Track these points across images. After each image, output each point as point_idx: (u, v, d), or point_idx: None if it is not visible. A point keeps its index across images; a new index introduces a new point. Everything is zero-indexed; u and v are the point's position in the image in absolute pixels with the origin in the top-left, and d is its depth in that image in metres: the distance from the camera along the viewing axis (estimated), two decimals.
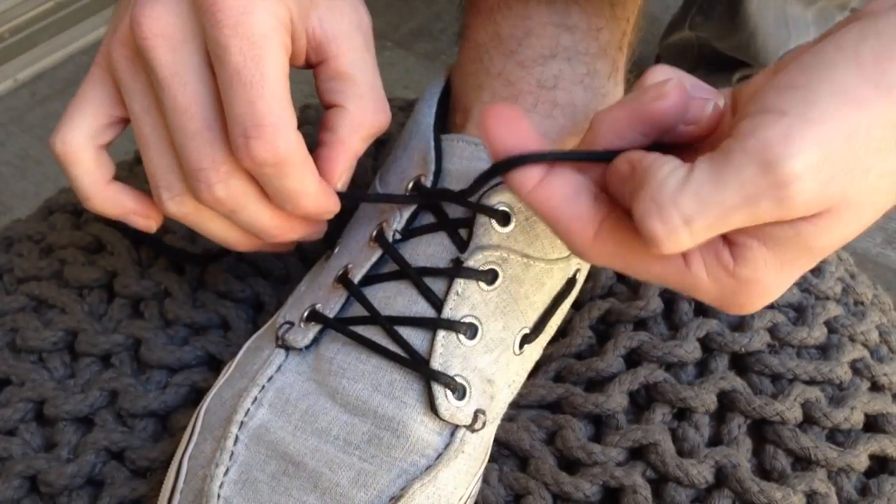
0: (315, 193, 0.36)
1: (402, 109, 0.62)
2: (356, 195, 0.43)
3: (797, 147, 0.26)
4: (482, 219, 0.38)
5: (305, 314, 0.39)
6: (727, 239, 0.30)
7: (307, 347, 0.38)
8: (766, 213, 0.28)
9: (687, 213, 0.28)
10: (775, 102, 0.27)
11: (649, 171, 0.29)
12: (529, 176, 0.31)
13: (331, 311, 0.38)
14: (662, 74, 0.32)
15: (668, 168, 0.28)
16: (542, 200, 0.31)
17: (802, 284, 0.49)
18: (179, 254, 0.47)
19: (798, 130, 0.27)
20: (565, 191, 0.31)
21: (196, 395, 0.44)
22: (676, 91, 0.30)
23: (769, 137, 0.27)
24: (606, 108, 0.33)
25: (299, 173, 0.34)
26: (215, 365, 0.45)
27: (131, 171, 0.57)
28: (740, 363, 0.45)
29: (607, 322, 0.47)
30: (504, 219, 0.38)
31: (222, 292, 0.48)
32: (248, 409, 0.37)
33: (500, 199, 0.38)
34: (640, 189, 0.29)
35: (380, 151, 0.57)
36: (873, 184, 0.28)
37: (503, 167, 0.31)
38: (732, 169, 0.27)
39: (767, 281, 0.30)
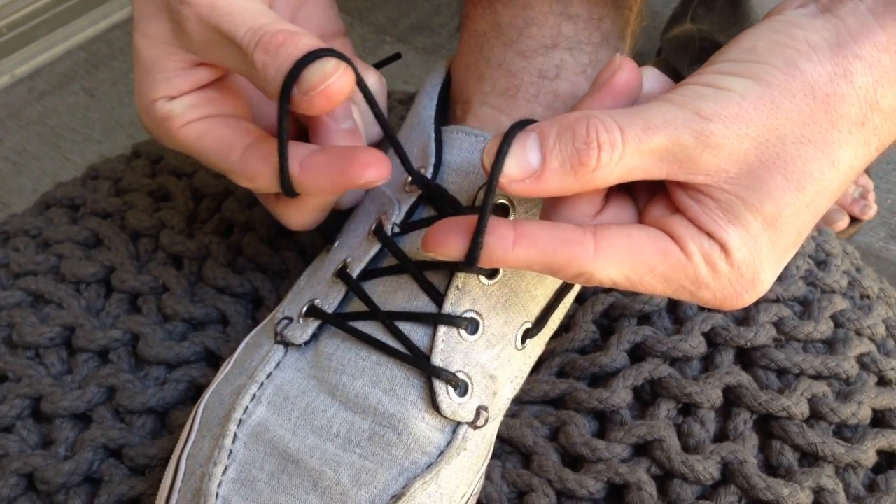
0: None
1: (402, 103, 0.61)
2: None
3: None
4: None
5: (304, 309, 0.38)
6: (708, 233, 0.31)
7: (306, 343, 0.38)
8: (688, 150, 0.30)
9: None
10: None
11: None
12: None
13: (330, 307, 0.38)
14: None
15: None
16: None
17: (808, 278, 0.49)
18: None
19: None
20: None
21: (195, 392, 0.43)
22: (627, 63, 0.33)
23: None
24: (579, 101, 0.34)
25: None
26: (214, 361, 0.45)
27: (129, 165, 0.56)
28: (746, 358, 0.45)
29: (611, 317, 0.47)
30: (503, 212, 0.37)
31: (221, 287, 0.47)
32: (247, 407, 0.36)
33: (499, 192, 0.37)
34: None
35: (381, 144, 0.56)
36: (795, 152, 0.30)
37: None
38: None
39: (761, 262, 0.31)
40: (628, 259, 0.31)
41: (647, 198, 0.34)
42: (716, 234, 0.31)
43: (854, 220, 1.11)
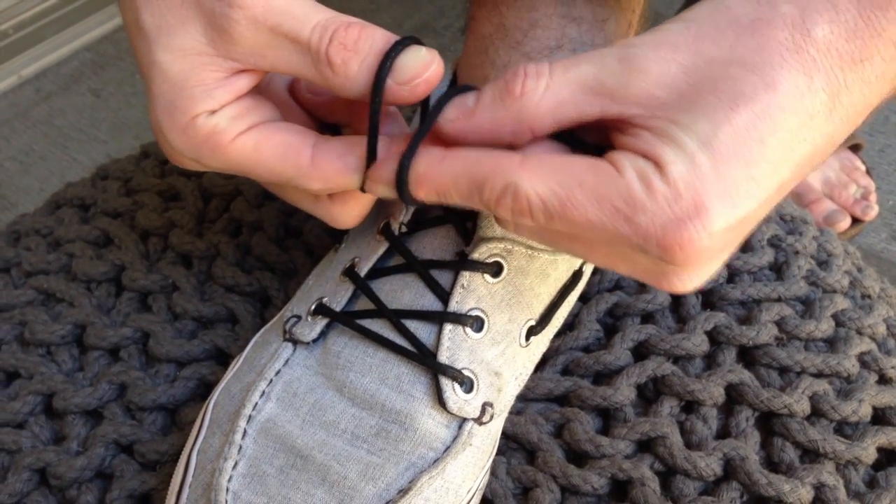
0: None
1: None
2: None
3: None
4: (486, 210, 0.38)
5: (312, 308, 0.39)
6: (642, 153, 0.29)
7: (314, 341, 0.38)
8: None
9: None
10: None
11: None
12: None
13: (338, 305, 0.38)
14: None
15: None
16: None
17: (810, 278, 0.49)
18: None
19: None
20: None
21: (204, 389, 0.44)
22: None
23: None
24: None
25: None
26: (223, 359, 0.45)
27: (138, 165, 0.57)
28: (748, 356, 0.45)
29: (615, 315, 0.47)
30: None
31: (230, 286, 0.48)
32: (257, 403, 0.37)
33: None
34: None
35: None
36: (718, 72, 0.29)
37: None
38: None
39: (702, 185, 0.28)
40: (556, 171, 0.29)
41: None
42: (650, 152, 0.28)
43: (856, 221, 1.12)
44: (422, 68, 0.31)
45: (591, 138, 0.31)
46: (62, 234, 0.52)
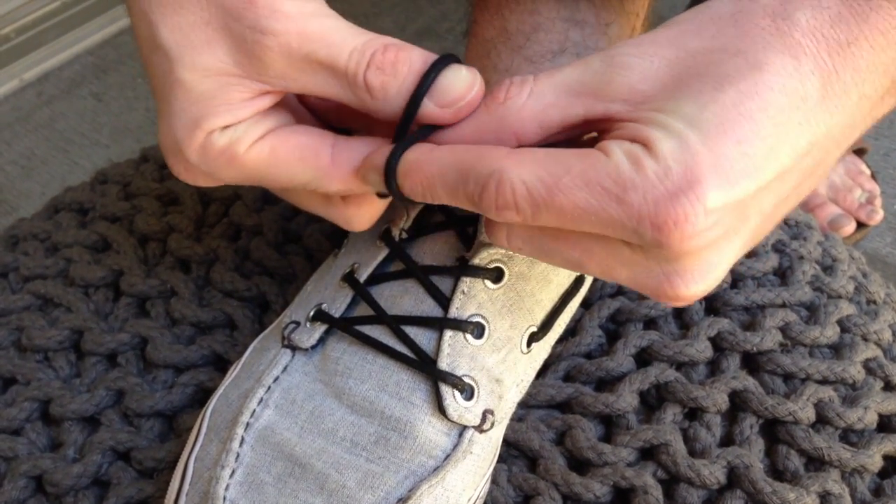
0: None
1: None
2: None
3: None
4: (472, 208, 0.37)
5: (311, 314, 0.38)
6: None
7: (313, 347, 0.38)
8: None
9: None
10: None
11: None
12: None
13: (337, 311, 0.38)
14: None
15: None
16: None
17: (815, 283, 0.49)
18: None
19: None
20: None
21: (202, 395, 0.44)
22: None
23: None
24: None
25: None
26: (221, 364, 0.45)
27: (137, 170, 0.57)
28: (752, 362, 0.45)
29: (617, 321, 0.47)
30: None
31: (228, 291, 0.48)
32: (254, 410, 0.36)
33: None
34: None
35: None
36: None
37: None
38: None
39: (694, 160, 0.27)
40: (543, 160, 0.28)
41: None
42: (637, 135, 0.28)
43: (861, 225, 1.11)
44: (465, 90, 0.31)
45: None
46: (60, 238, 0.52)
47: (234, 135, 0.32)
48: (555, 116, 0.29)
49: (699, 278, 0.29)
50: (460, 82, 0.31)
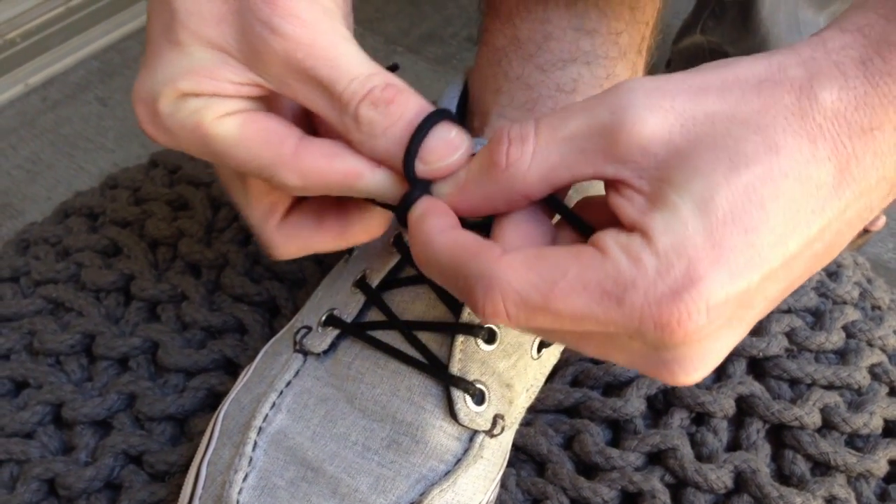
0: None
1: None
2: None
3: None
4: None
5: (323, 318, 0.39)
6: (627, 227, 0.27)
7: (325, 352, 0.38)
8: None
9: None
10: None
11: None
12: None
13: (349, 316, 0.38)
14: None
15: None
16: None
17: (820, 289, 0.49)
18: None
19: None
20: None
21: (213, 399, 0.44)
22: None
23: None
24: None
25: None
26: (232, 369, 0.45)
27: (147, 175, 0.57)
28: (758, 368, 0.45)
29: None
30: (490, 335, 0.37)
31: (238, 295, 0.48)
32: (267, 415, 0.36)
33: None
34: None
35: None
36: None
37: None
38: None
39: (696, 254, 0.26)
40: (535, 262, 0.27)
41: None
42: (637, 222, 0.27)
43: (863, 230, 1.12)
44: (446, 152, 0.30)
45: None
46: (71, 243, 0.52)
47: (208, 103, 0.32)
48: (563, 176, 0.28)
49: (699, 365, 0.28)
50: (444, 145, 0.30)
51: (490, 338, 0.37)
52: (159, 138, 0.33)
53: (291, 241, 0.34)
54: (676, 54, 1.18)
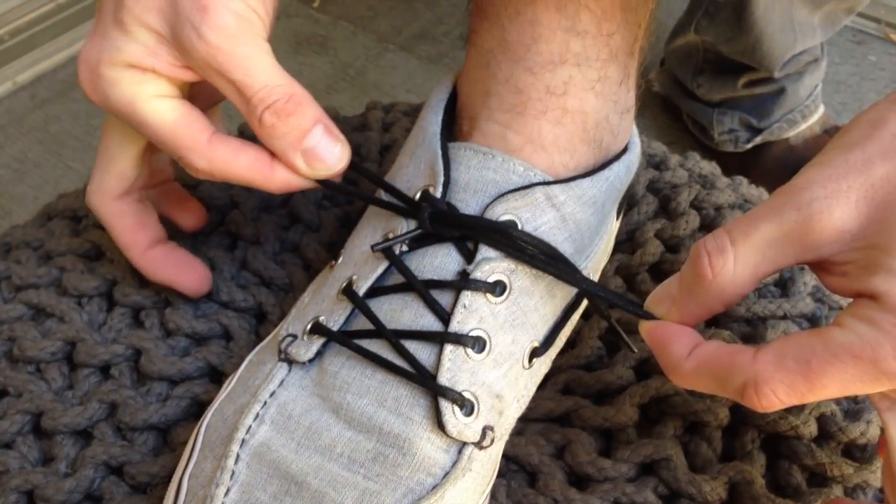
0: None
1: (406, 114, 0.61)
2: (362, 196, 0.42)
3: None
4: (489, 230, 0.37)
5: (309, 327, 0.38)
6: None
7: (310, 361, 0.37)
8: None
9: None
10: None
11: None
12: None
13: (335, 324, 0.37)
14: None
15: None
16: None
17: (816, 294, 0.48)
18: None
19: None
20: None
21: (197, 408, 0.43)
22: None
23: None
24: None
25: None
26: (216, 377, 0.44)
27: None
28: None
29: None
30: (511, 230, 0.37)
31: (224, 302, 0.47)
32: (250, 427, 0.36)
33: (505, 210, 0.37)
34: None
35: (384, 157, 0.56)
36: None
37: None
38: None
39: None
40: (785, 351, 0.30)
41: None
42: (860, 290, 0.30)
43: None
44: (327, 165, 0.38)
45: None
46: (53, 246, 0.51)
47: (145, 79, 0.37)
48: (767, 269, 0.32)
49: None
50: (329, 157, 0.38)
51: (480, 347, 0.36)
52: (92, 97, 0.39)
53: (217, 157, 0.38)
54: (670, 54, 1.17)
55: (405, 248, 0.37)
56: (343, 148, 0.38)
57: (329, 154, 0.38)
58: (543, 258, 0.37)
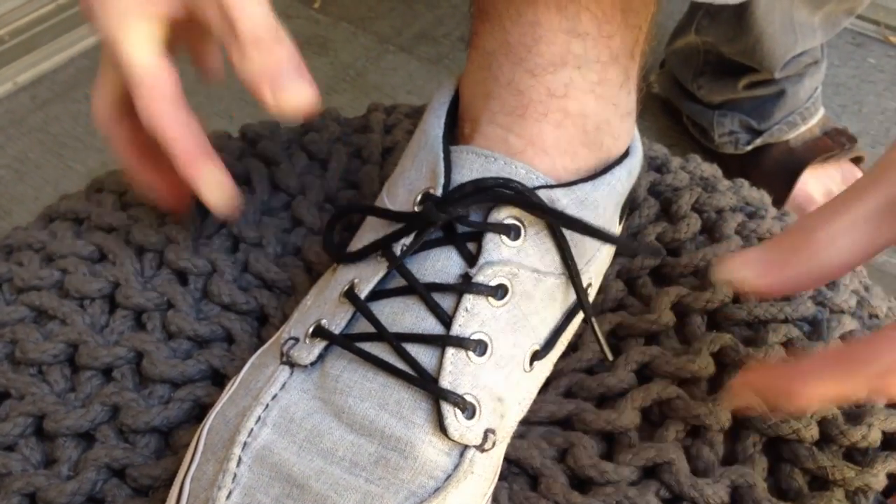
0: None
1: (408, 116, 0.61)
2: (361, 208, 0.42)
3: None
4: (491, 233, 0.37)
5: (310, 330, 0.38)
6: None
7: (312, 364, 0.37)
8: None
9: None
10: None
11: None
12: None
13: (337, 327, 0.37)
14: None
15: None
16: None
17: (817, 297, 0.48)
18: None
19: None
20: None
21: (199, 411, 0.43)
22: None
23: None
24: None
25: None
26: (219, 379, 0.44)
27: None
28: None
29: (618, 336, 0.46)
30: (514, 233, 0.37)
31: (226, 304, 0.47)
32: (252, 430, 0.36)
33: (509, 213, 0.37)
34: None
35: (386, 160, 0.56)
36: None
37: None
38: None
39: None
40: None
41: None
42: None
43: None
44: (296, 106, 0.39)
45: None
46: (55, 248, 0.51)
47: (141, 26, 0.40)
48: (867, 247, 0.33)
49: None
50: (298, 97, 0.39)
51: (481, 351, 0.36)
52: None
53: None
54: (671, 54, 1.17)
55: (406, 246, 0.37)
56: (309, 88, 0.40)
57: (296, 91, 0.39)
58: (566, 214, 0.37)
